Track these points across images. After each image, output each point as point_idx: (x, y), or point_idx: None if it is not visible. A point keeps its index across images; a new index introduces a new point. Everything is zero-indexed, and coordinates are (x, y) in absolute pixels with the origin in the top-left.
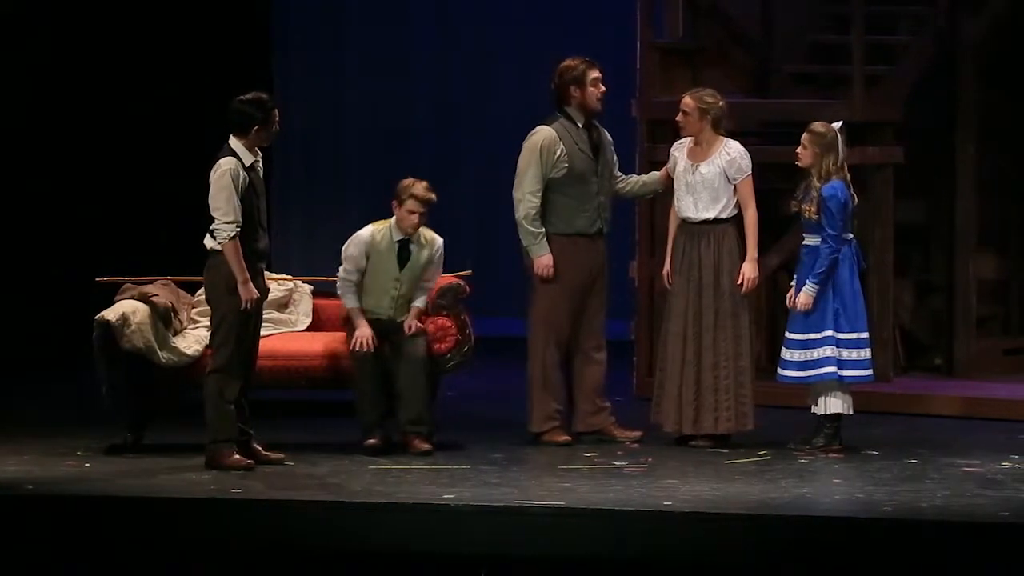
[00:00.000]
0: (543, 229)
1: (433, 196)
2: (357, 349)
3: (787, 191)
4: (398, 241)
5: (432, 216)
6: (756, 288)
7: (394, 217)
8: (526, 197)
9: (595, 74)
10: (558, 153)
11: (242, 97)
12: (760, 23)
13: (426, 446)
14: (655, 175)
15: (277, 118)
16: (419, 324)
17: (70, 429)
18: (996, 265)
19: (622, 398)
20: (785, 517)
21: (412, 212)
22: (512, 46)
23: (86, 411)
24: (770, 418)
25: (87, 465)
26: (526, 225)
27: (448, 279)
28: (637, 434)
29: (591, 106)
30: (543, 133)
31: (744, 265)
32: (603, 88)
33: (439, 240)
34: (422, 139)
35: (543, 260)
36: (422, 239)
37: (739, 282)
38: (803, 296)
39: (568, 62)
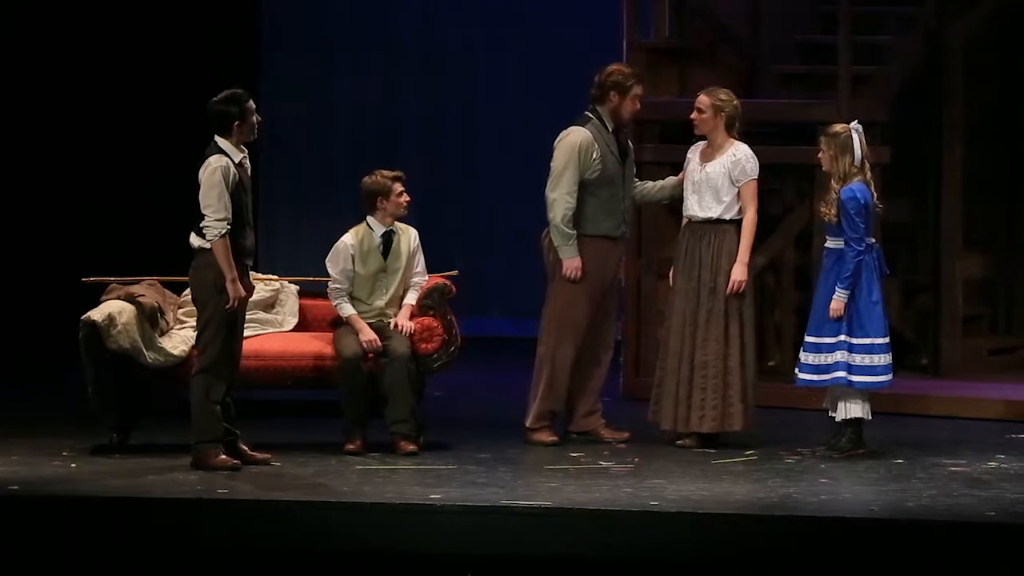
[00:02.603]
0: (575, 231)
1: (401, 173)
2: (368, 350)
3: (774, 191)
4: (382, 235)
5: (418, 216)
6: (741, 290)
7: (371, 216)
8: (563, 198)
9: (639, 91)
10: (594, 155)
11: (215, 98)
12: (747, 23)
13: (412, 446)
14: (671, 180)
15: (254, 109)
16: (408, 323)
17: (56, 429)
18: (983, 265)
19: (609, 398)
20: (771, 517)
21: (401, 193)
22: (498, 46)
23: (72, 411)
24: (764, 419)
25: (73, 465)
26: (562, 227)
27: (434, 279)
28: (625, 435)
29: (623, 117)
30: (580, 134)
31: (734, 267)
32: (639, 107)
33: (414, 230)
34: (408, 139)
35: (573, 262)
36: (399, 229)
37: (730, 291)
38: (834, 303)
39: (618, 66)
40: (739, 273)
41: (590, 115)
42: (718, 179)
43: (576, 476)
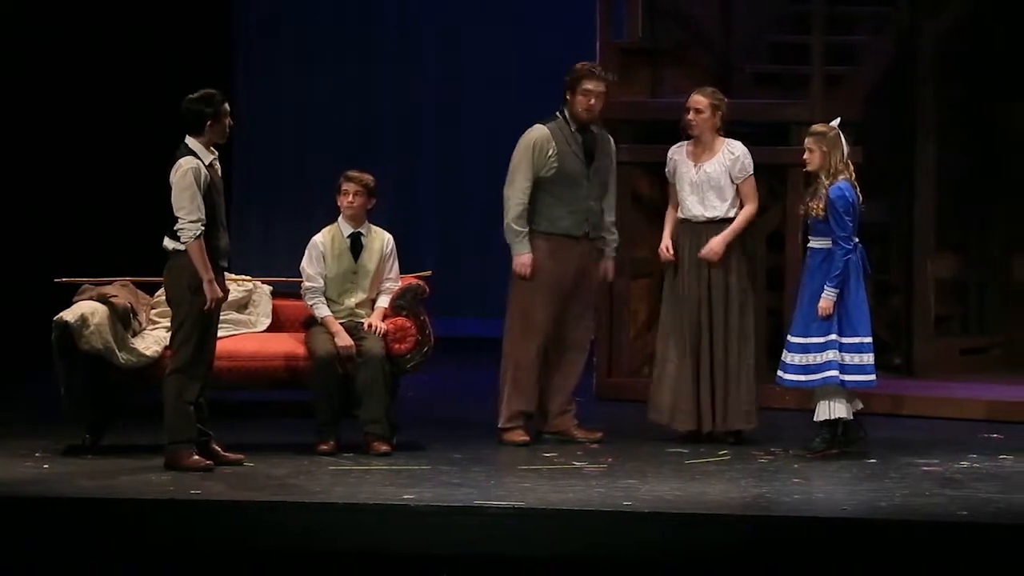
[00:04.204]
0: (527, 228)
1: (365, 176)
2: (344, 356)
3: None
4: (349, 236)
5: (393, 216)
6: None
7: (340, 217)
8: (515, 195)
9: (588, 85)
10: (549, 152)
11: (191, 96)
12: (720, 23)
13: (386, 447)
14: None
15: (228, 112)
16: (382, 324)
17: (28, 430)
18: (954, 265)
19: (582, 398)
20: (744, 517)
21: (346, 193)
22: (474, 45)
23: (44, 412)
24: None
25: (46, 466)
26: (511, 224)
27: (408, 280)
28: (597, 435)
29: (576, 113)
30: (537, 132)
31: (715, 238)
32: (592, 101)
33: (388, 234)
34: (384, 139)
35: (522, 259)
36: (371, 232)
37: (702, 252)
38: (823, 302)
39: (577, 64)
40: (717, 244)
41: (557, 114)
42: (720, 178)
43: (550, 476)
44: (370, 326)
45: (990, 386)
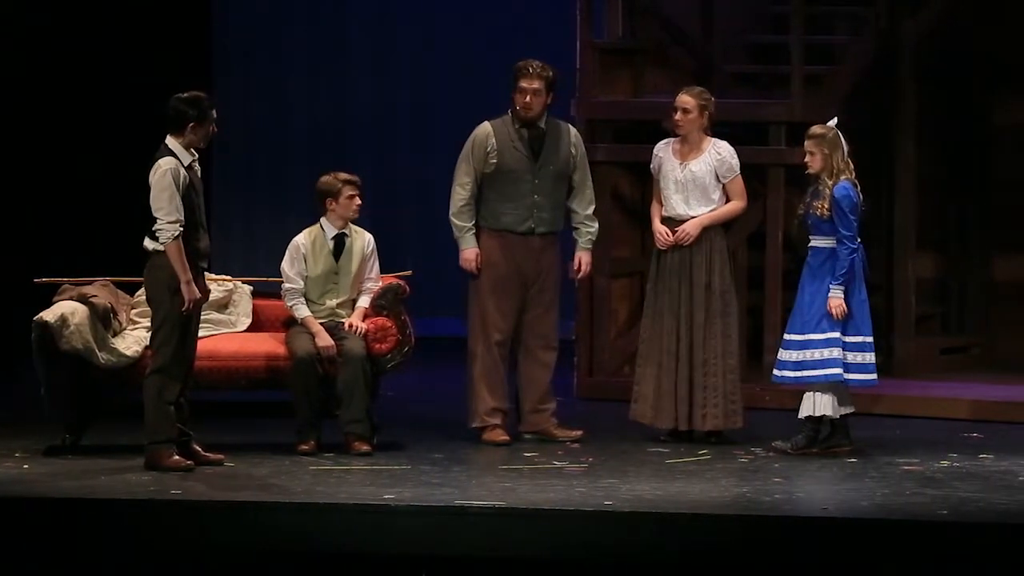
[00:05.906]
0: (469, 223)
1: (357, 177)
2: (325, 356)
3: None
4: (333, 237)
5: (372, 217)
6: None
7: (324, 217)
8: (455, 190)
9: (521, 83)
10: (488, 148)
11: (179, 95)
12: (700, 23)
13: (366, 447)
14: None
15: (214, 118)
16: (362, 324)
17: (8, 430)
18: (935, 265)
19: (562, 398)
20: (724, 516)
21: (352, 197)
22: (452, 46)
23: (25, 412)
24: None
25: (26, 466)
26: (452, 219)
27: (388, 280)
28: (577, 433)
29: (515, 111)
30: (480, 128)
31: (691, 222)
32: (528, 99)
33: (369, 235)
34: (362, 139)
35: (465, 254)
36: (353, 232)
37: (676, 235)
38: (834, 300)
39: (519, 62)
40: (692, 227)
41: (509, 111)
42: (705, 178)
43: (530, 476)
44: (350, 326)
45: (970, 386)
